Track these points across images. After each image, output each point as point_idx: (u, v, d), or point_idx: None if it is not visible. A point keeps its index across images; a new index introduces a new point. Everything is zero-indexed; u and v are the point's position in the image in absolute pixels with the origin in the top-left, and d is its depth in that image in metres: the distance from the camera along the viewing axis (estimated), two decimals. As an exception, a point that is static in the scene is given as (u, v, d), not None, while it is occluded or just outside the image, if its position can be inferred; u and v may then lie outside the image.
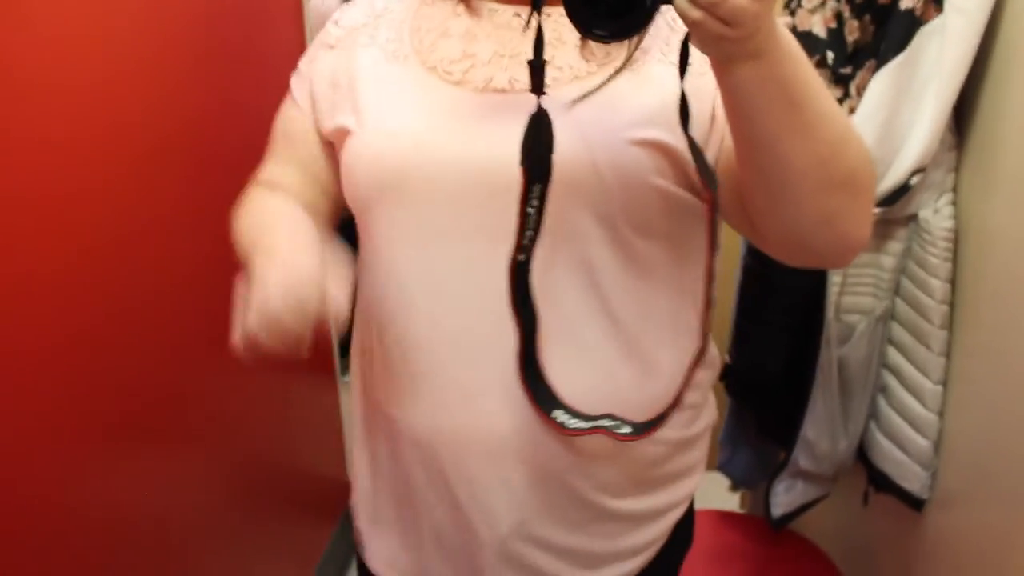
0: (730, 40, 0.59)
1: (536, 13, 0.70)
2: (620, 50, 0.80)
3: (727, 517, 1.84)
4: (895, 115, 1.25)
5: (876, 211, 1.28)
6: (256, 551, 1.74)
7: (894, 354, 1.42)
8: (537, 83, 0.70)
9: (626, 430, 0.78)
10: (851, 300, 1.41)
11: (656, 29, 0.78)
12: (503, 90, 0.79)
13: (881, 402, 1.45)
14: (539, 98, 0.70)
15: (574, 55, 0.80)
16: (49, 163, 1.05)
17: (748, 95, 0.64)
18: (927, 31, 1.21)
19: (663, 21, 0.79)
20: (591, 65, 0.80)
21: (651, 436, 0.83)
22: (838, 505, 1.67)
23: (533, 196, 0.71)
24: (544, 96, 0.71)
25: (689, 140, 0.69)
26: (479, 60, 0.81)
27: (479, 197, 0.77)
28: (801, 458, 1.50)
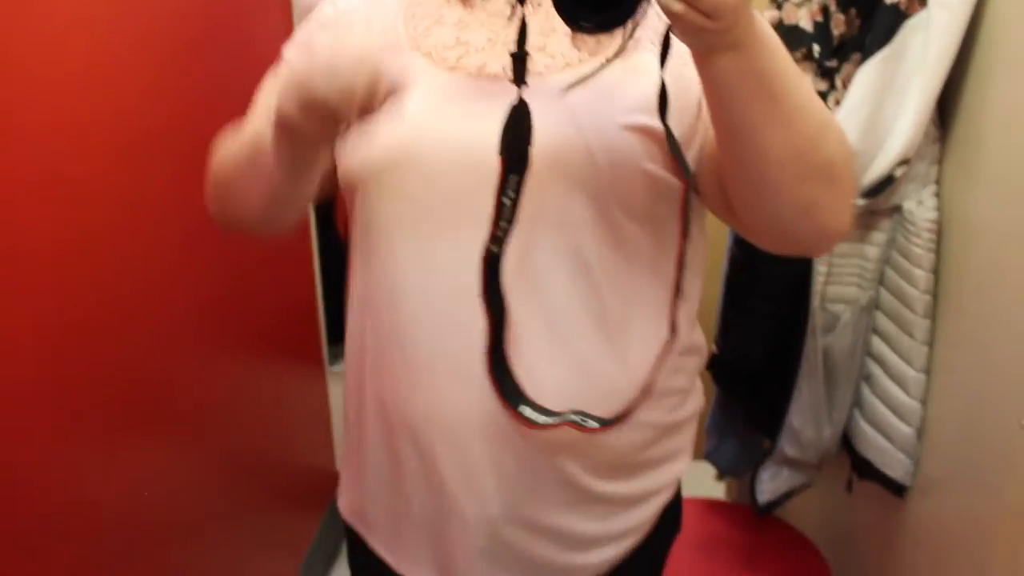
0: (711, 32, 0.61)
1: (520, 5, 0.71)
2: (611, 39, 0.81)
3: (713, 505, 1.86)
4: (880, 108, 1.27)
5: (861, 202, 1.31)
6: (245, 540, 1.74)
7: (878, 343, 1.44)
8: (519, 74, 0.71)
9: (592, 424, 0.79)
10: (836, 290, 1.43)
11: (648, 20, 0.79)
12: (496, 76, 0.80)
13: (865, 390, 1.48)
14: (520, 89, 0.71)
15: (566, 43, 0.81)
16: (37, 151, 1.05)
17: (728, 85, 0.67)
18: (912, 25, 1.23)
19: (654, 12, 0.80)
20: (583, 53, 0.81)
21: (638, 420, 0.85)
22: (822, 492, 1.70)
23: (509, 187, 0.72)
24: (526, 86, 0.72)
25: (666, 129, 0.71)
26: (472, 47, 0.82)
27: (470, 182, 0.78)
28: (786, 446, 1.52)
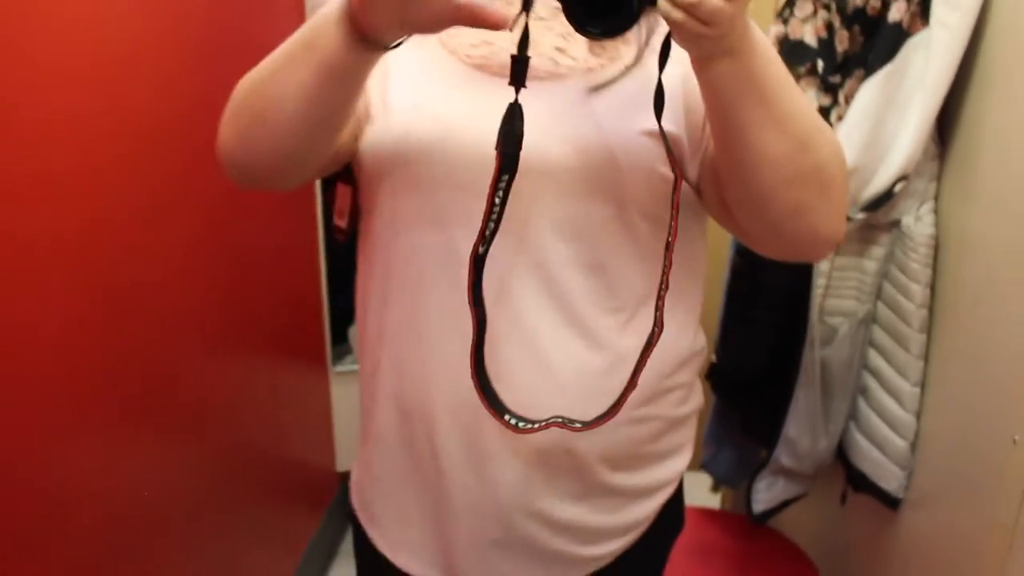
0: (708, 38, 0.65)
1: (525, 13, 0.74)
2: (629, 46, 0.86)
3: (709, 514, 1.87)
4: (881, 123, 1.29)
5: (860, 216, 1.33)
6: (244, 537, 1.76)
7: (875, 356, 1.46)
8: (519, 76, 0.74)
9: (577, 425, 0.81)
10: (835, 303, 1.45)
11: (663, 29, 0.81)
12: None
13: (861, 403, 1.49)
14: (517, 92, 0.74)
15: (585, 48, 0.85)
16: (46, 150, 1.06)
17: (724, 89, 0.71)
18: (913, 43, 1.25)
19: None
20: (602, 59, 0.85)
21: (649, 410, 0.89)
22: (817, 504, 1.71)
23: (500, 186, 0.74)
24: (525, 88, 0.74)
25: (660, 128, 0.75)
26: (497, 47, 0.85)
27: (485, 179, 0.79)
28: (783, 456, 1.54)
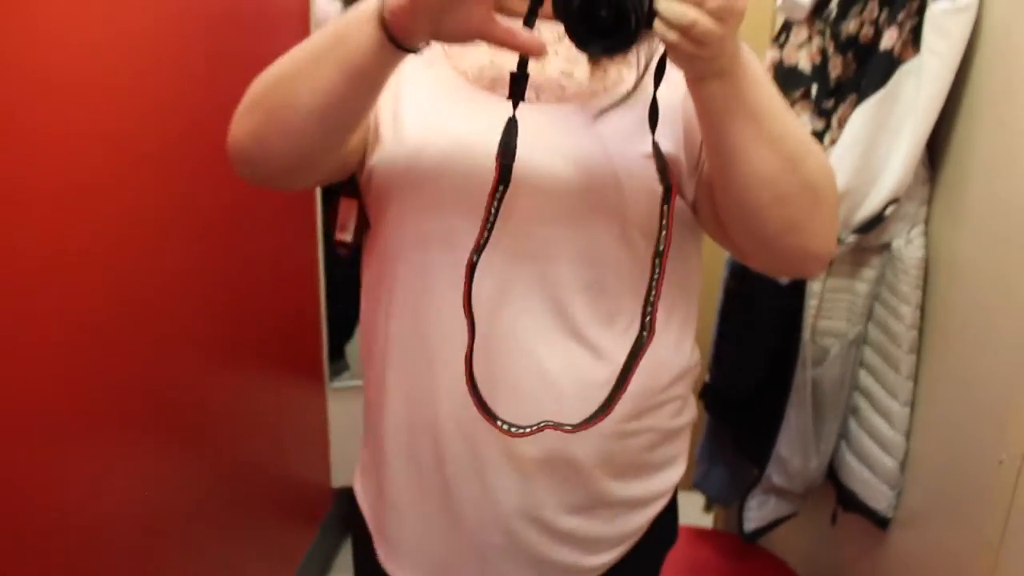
0: (701, 59, 0.69)
1: (528, 27, 0.77)
2: (630, 71, 0.89)
3: (701, 533, 1.89)
4: (873, 148, 1.32)
5: (852, 238, 1.35)
6: (238, 551, 1.76)
7: (865, 377, 1.48)
8: (517, 93, 0.78)
9: (567, 427, 0.83)
10: (826, 324, 1.47)
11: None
12: (531, 102, 0.85)
13: (852, 423, 1.51)
14: (515, 107, 0.79)
15: (590, 74, 0.89)
16: (55, 161, 1.08)
17: (716, 108, 0.75)
18: (905, 70, 1.28)
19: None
20: (606, 83, 0.89)
21: (644, 422, 0.92)
22: (808, 524, 1.73)
23: (497, 196, 0.78)
24: (523, 103, 0.79)
25: (653, 139, 0.79)
26: (505, 70, 0.86)
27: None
28: (774, 474, 1.55)
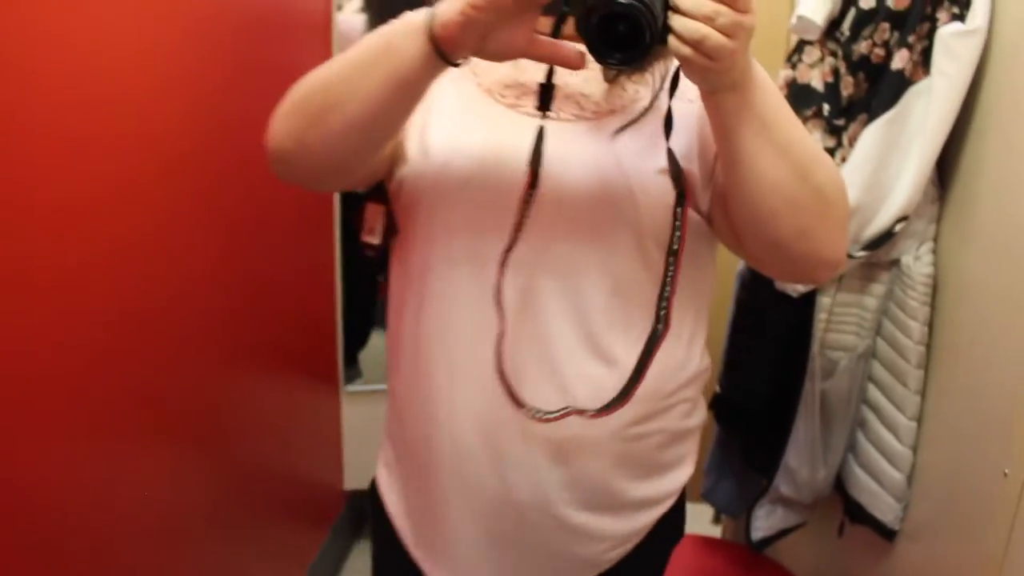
0: (713, 72, 0.73)
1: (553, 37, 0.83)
2: (647, 89, 0.94)
3: (709, 543, 1.91)
4: (883, 166, 1.35)
5: (861, 254, 1.38)
6: (251, 552, 1.79)
7: (873, 390, 1.51)
8: (546, 102, 0.85)
9: (589, 412, 0.88)
10: (835, 337, 1.50)
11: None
12: (551, 119, 0.90)
13: (859, 435, 1.53)
14: (543, 115, 0.86)
15: (608, 93, 0.94)
16: (78, 173, 1.11)
17: (728, 118, 0.79)
18: (915, 91, 1.31)
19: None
20: (625, 100, 0.94)
21: (656, 423, 0.96)
22: (815, 535, 1.75)
23: (527, 201, 0.84)
24: (550, 113, 0.86)
25: (669, 150, 0.85)
26: (529, 88, 0.93)
27: (513, 205, 0.88)
28: (782, 485, 1.58)
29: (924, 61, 1.30)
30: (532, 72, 0.92)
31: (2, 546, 0.99)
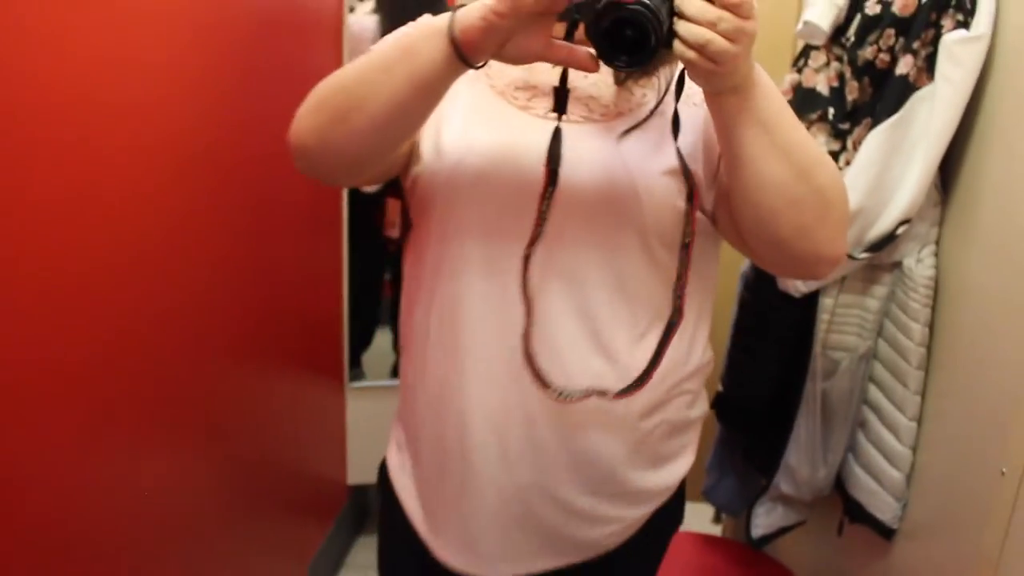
0: (717, 75, 0.77)
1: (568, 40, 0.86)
2: (653, 94, 0.98)
3: (709, 540, 1.93)
4: (886, 169, 1.37)
5: (864, 256, 1.40)
6: (255, 545, 1.80)
7: (874, 391, 1.53)
8: (560, 105, 0.89)
9: (611, 394, 0.94)
10: (837, 338, 1.52)
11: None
12: (561, 120, 0.93)
13: (860, 435, 1.55)
14: (559, 118, 0.90)
15: (616, 97, 0.98)
16: (93, 176, 1.12)
17: (731, 120, 0.82)
18: (919, 96, 1.33)
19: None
20: (632, 104, 0.97)
21: (659, 415, 0.99)
22: (814, 534, 1.76)
23: (546, 197, 0.89)
24: (576, 119, 0.89)
25: (677, 149, 0.90)
26: (540, 91, 0.97)
27: (531, 203, 0.92)
28: (782, 483, 1.60)
29: (928, 67, 1.32)
30: (543, 75, 0.96)
31: (14, 535, 1.01)
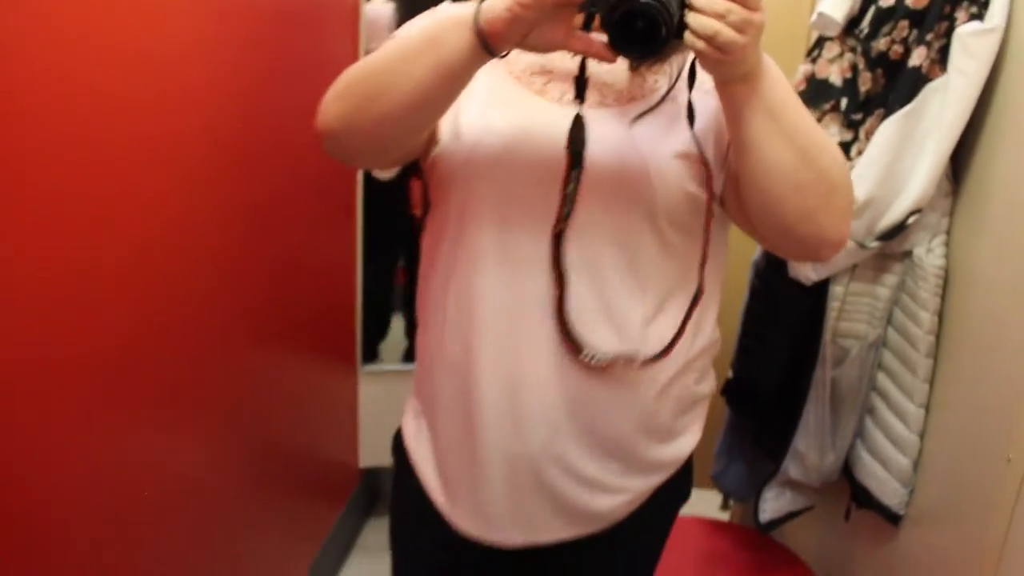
0: (726, 64, 0.81)
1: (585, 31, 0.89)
2: (665, 80, 1.01)
3: (718, 526, 1.95)
4: (898, 160, 1.38)
5: (874, 244, 1.42)
6: (266, 527, 1.83)
7: (883, 378, 1.55)
8: (580, 92, 0.93)
9: (639, 360, 0.99)
10: (847, 326, 1.54)
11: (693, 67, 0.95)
12: (574, 105, 0.96)
13: (868, 422, 1.58)
14: (580, 103, 0.93)
15: (628, 83, 1.01)
16: (116, 168, 1.14)
17: (740, 107, 0.86)
18: (932, 88, 1.35)
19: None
20: (645, 90, 1.01)
21: (668, 390, 1.03)
22: (822, 520, 1.79)
23: (571, 179, 0.93)
24: (591, 104, 0.94)
25: (693, 135, 0.94)
26: (556, 76, 1.00)
27: (543, 179, 0.96)
28: (791, 468, 1.62)
29: (941, 59, 1.34)
30: (559, 60, 0.99)
31: (30, 516, 1.03)
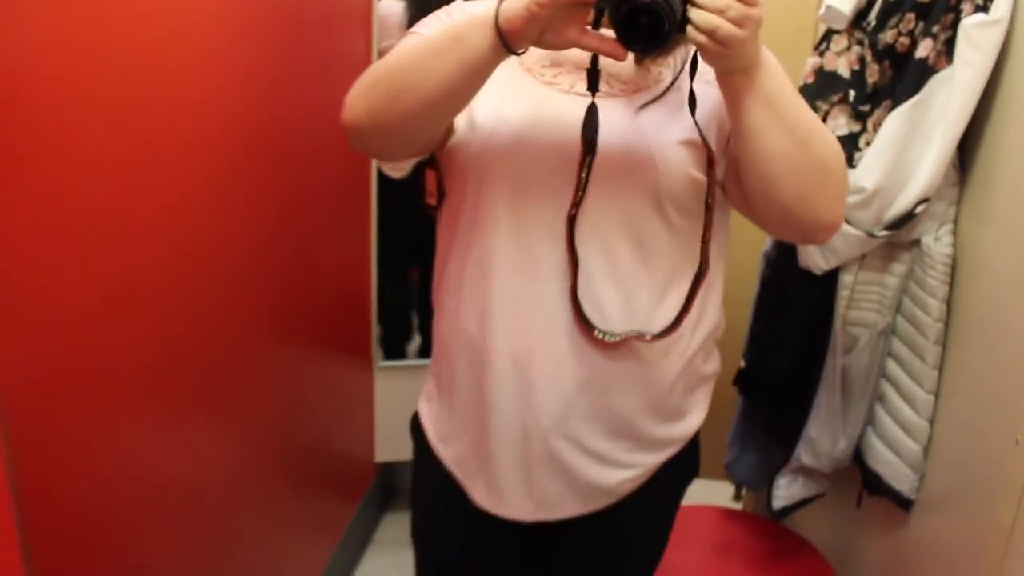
0: (726, 56, 0.86)
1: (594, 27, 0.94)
2: (669, 71, 1.06)
3: (730, 514, 1.98)
4: (905, 150, 1.41)
5: (883, 234, 1.45)
6: (285, 522, 1.86)
7: (892, 366, 1.57)
8: (593, 84, 0.97)
9: (647, 336, 1.03)
10: (857, 314, 1.57)
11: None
12: (582, 95, 1.01)
13: (878, 409, 1.60)
14: (593, 94, 0.97)
15: (634, 74, 1.07)
16: (153, 171, 1.18)
17: (739, 97, 0.91)
18: (938, 79, 1.38)
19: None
20: (649, 80, 1.06)
21: (676, 369, 1.08)
22: (833, 507, 1.82)
23: (585, 164, 0.98)
24: (598, 92, 0.97)
25: (695, 122, 0.98)
26: (565, 68, 1.05)
27: (555, 166, 1.01)
28: (803, 455, 1.65)
29: (947, 50, 1.36)
30: (567, 52, 1.02)
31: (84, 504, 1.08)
